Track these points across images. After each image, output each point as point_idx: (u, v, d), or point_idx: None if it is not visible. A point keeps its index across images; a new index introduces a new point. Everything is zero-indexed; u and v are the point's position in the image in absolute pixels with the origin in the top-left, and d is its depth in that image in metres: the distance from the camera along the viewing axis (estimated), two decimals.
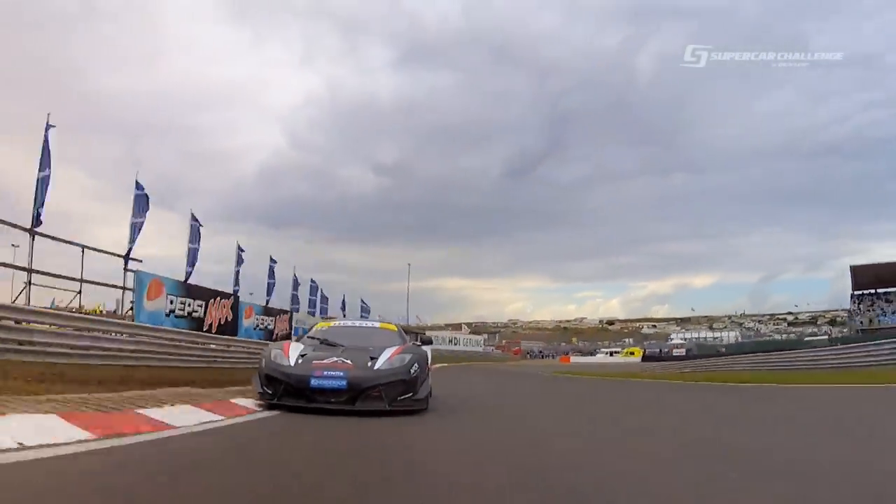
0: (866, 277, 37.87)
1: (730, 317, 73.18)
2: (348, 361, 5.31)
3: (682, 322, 78.36)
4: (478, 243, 78.75)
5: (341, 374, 5.10)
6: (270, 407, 5.16)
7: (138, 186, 11.87)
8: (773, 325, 73.07)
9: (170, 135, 64.84)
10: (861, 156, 55.18)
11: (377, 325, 6.98)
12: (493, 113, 68.16)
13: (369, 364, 5.34)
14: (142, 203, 11.91)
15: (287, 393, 5.14)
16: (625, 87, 64.73)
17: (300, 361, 5.36)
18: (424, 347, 6.37)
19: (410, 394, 5.30)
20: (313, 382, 5.03)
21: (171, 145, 64.76)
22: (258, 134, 73.99)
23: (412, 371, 5.35)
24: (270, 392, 5.23)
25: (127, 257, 11.51)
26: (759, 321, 74.76)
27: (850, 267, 38.45)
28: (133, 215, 11.78)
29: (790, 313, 73.64)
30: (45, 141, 9.37)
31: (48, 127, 9.41)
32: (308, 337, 6.28)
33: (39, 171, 9.26)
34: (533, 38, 63.35)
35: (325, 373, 5.10)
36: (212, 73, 71.00)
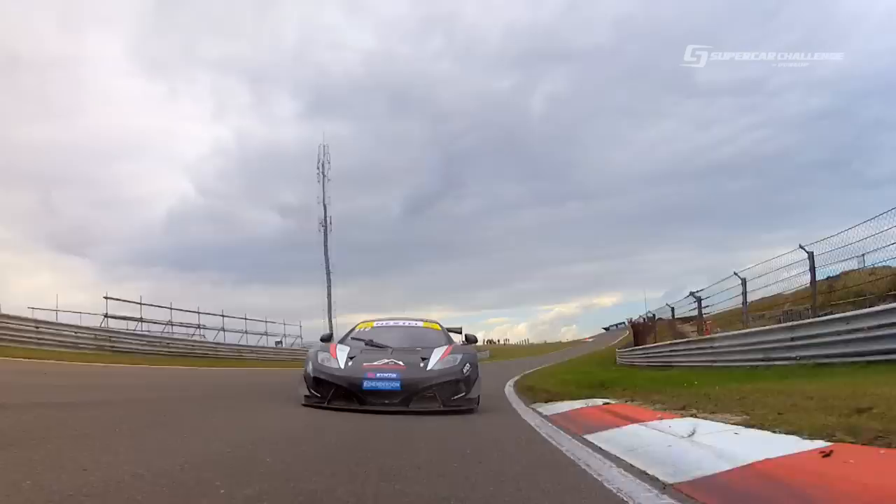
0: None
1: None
2: (400, 363, 5.29)
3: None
4: (382, 278, 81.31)
5: (394, 375, 5.07)
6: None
7: None
8: None
9: (82, 184, 66.99)
10: (748, 173, 58.73)
11: (421, 323, 6.83)
12: (390, 156, 72.35)
13: (421, 365, 5.31)
14: None
15: (338, 396, 5.09)
16: (517, 127, 68.88)
17: (350, 364, 5.32)
18: (471, 346, 6.29)
19: (463, 393, 5.28)
20: (366, 385, 5.00)
21: (83, 194, 66.60)
22: (167, 182, 77.10)
23: (465, 371, 5.33)
24: (319, 395, 5.18)
25: None
26: None
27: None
28: None
29: None
30: None
31: None
32: (352, 338, 6.20)
33: None
34: (429, 85, 66.98)
35: (378, 375, 5.08)
36: (127, 125, 73.36)
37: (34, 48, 59.63)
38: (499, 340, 77.76)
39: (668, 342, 17.06)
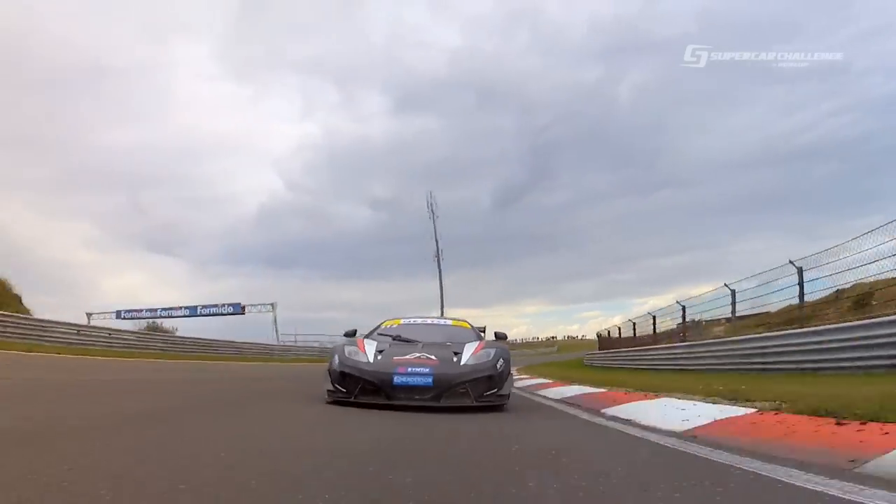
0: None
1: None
2: (432, 357, 5.11)
3: None
4: (476, 271, 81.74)
5: (427, 370, 4.90)
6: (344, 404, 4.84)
7: None
8: None
9: (172, 185, 70.22)
10: (835, 157, 57.68)
11: (449, 322, 6.73)
12: (479, 150, 72.49)
13: (454, 360, 5.14)
14: None
15: (365, 391, 4.90)
16: (604, 117, 68.02)
17: (379, 358, 5.14)
18: (503, 343, 6.10)
19: (496, 389, 5.11)
20: (396, 380, 4.82)
21: (173, 195, 69.56)
22: (258, 180, 79.95)
23: (498, 366, 5.17)
24: (345, 390, 4.99)
25: None
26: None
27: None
28: None
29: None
30: None
31: None
32: (379, 334, 6.02)
33: None
34: (515, 80, 66.80)
35: (409, 369, 4.90)
36: (218, 128, 75.67)
37: (125, 56, 60.40)
38: (575, 336, 77.83)
39: (625, 349, 20.00)
